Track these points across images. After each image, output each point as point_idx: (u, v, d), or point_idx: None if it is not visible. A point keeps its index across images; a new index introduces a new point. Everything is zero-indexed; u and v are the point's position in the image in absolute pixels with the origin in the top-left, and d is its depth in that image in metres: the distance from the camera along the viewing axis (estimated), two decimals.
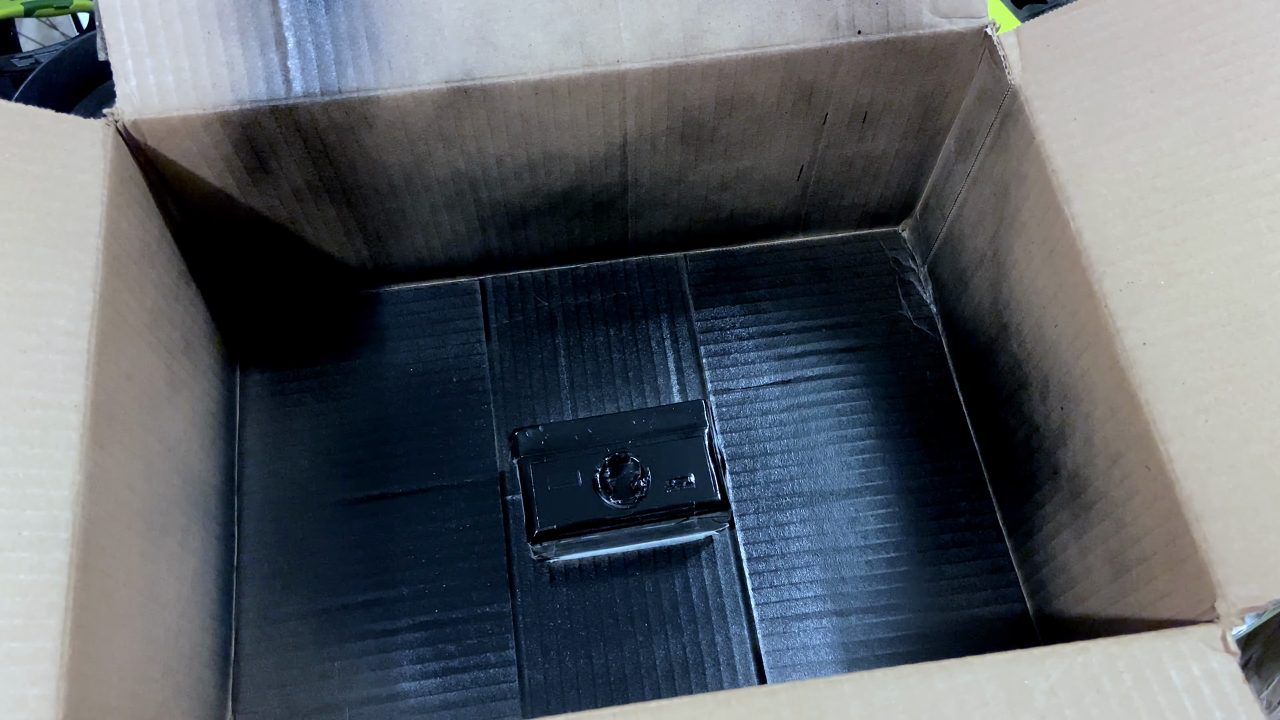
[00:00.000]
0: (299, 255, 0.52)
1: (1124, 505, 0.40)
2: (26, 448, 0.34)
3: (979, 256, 0.50)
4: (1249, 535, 0.35)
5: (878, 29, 0.43)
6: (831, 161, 0.52)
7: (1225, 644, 0.34)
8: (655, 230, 0.55)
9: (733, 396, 0.54)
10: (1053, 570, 0.47)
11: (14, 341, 0.35)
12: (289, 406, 0.53)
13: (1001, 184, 0.46)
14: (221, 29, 0.41)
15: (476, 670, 0.47)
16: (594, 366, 0.54)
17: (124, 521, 0.38)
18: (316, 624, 0.48)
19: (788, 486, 0.51)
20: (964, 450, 0.53)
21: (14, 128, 0.38)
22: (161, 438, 0.43)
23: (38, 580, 0.32)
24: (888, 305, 0.56)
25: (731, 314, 0.56)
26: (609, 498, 0.46)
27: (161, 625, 0.40)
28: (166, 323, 0.44)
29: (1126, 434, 0.39)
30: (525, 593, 0.49)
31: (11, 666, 0.31)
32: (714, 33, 0.43)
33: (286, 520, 0.50)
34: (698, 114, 0.46)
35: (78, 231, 0.38)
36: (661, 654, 0.48)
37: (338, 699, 0.47)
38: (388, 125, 0.44)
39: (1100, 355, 0.40)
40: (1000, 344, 0.49)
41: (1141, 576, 0.39)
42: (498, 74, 0.42)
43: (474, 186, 0.49)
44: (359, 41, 0.42)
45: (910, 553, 0.50)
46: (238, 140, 0.43)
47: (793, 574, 0.50)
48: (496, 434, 0.52)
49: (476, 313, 0.56)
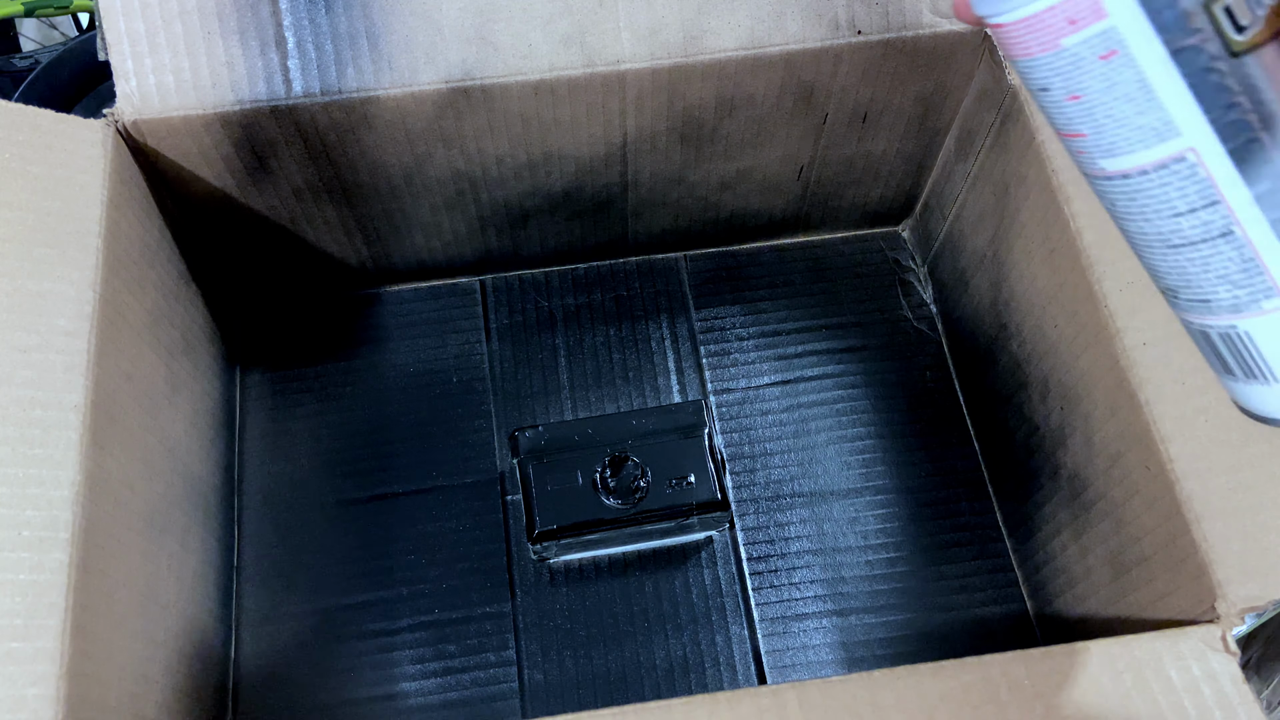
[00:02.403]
0: (299, 255, 0.52)
1: (1124, 505, 0.40)
2: (26, 448, 0.34)
3: (979, 256, 0.50)
4: (1249, 535, 0.35)
5: (878, 29, 0.43)
6: (831, 161, 0.52)
7: (1225, 644, 0.34)
8: (655, 230, 0.55)
9: (733, 396, 0.54)
10: (1053, 570, 0.47)
11: (14, 341, 0.35)
12: (289, 406, 0.53)
13: (1001, 184, 0.46)
14: (221, 29, 0.41)
15: (476, 670, 0.47)
16: (594, 366, 0.54)
17: (124, 521, 0.38)
18: (316, 624, 0.48)
19: (788, 486, 0.51)
20: (964, 450, 0.53)
21: (14, 128, 0.38)
22: (161, 438, 0.43)
23: (38, 580, 0.32)
24: (888, 305, 0.56)
25: (731, 314, 0.56)
26: (609, 498, 0.46)
27: (161, 625, 0.40)
28: (166, 323, 0.44)
29: (1126, 434, 0.39)
30: (525, 593, 0.49)
31: (11, 666, 0.31)
32: (714, 33, 0.43)
33: (286, 520, 0.50)
34: (698, 114, 0.46)
35: (78, 231, 0.38)
36: (661, 654, 0.48)
37: (338, 699, 0.47)
38: (388, 125, 0.44)
39: (1100, 355, 0.40)
40: (1000, 344, 0.49)
41: (1141, 576, 0.39)
42: (498, 74, 0.42)
43: (474, 186, 0.49)
44: (359, 41, 0.42)
45: (910, 553, 0.50)
46: (238, 140, 0.43)
47: (793, 574, 0.50)
48: (496, 434, 0.52)
49: (476, 313, 0.56)
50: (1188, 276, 0.29)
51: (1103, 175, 0.29)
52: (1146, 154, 0.27)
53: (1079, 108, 0.27)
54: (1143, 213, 0.29)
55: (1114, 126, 0.27)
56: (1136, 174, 0.28)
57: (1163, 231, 0.28)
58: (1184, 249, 0.28)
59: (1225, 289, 0.28)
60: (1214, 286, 0.28)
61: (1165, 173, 0.27)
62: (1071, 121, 0.28)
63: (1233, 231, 0.27)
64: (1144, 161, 0.27)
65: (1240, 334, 0.29)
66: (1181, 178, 0.27)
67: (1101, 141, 0.28)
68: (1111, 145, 0.28)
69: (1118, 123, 0.27)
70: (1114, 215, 0.30)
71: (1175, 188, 0.27)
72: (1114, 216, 0.30)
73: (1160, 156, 0.27)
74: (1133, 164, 0.28)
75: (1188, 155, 0.27)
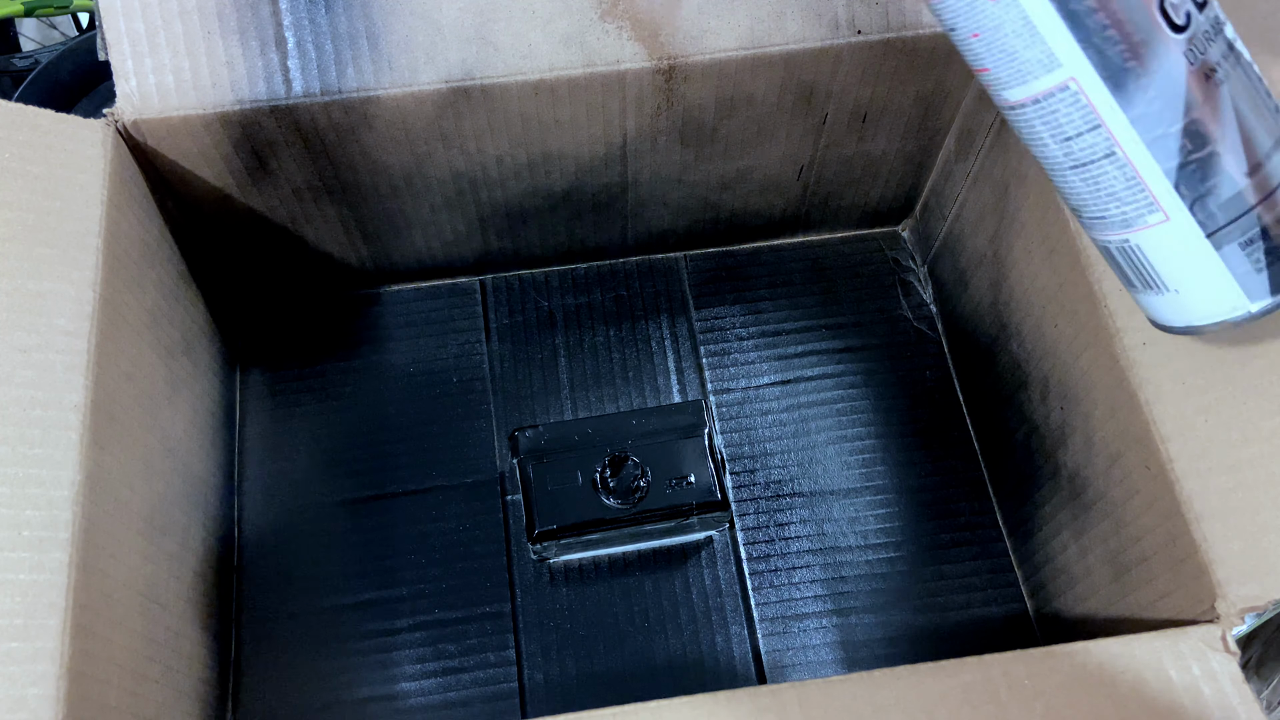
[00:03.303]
0: (299, 255, 0.52)
1: (1124, 505, 0.40)
2: (26, 448, 0.34)
3: (979, 256, 0.50)
4: (1249, 535, 0.35)
5: (878, 29, 0.43)
6: (831, 161, 0.52)
7: (1225, 644, 0.34)
8: (655, 230, 0.55)
9: (733, 396, 0.54)
10: (1053, 570, 0.47)
11: (14, 341, 0.35)
12: (289, 406, 0.53)
13: (1001, 184, 0.46)
14: (221, 29, 0.41)
15: (476, 670, 0.47)
16: (594, 366, 0.54)
17: (124, 521, 0.38)
18: (316, 624, 0.48)
19: (788, 486, 0.52)
20: (964, 450, 0.53)
21: (14, 128, 0.38)
22: (161, 438, 0.43)
23: (38, 580, 0.32)
24: (888, 305, 0.56)
25: (731, 314, 0.56)
26: (609, 498, 0.46)
27: (161, 625, 0.40)
28: (166, 323, 0.44)
29: (1126, 434, 0.39)
30: (525, 593, 0.49)
31: (11, 666, 0.31)
32: (714, 33, 0.43)
33: (286, 520, 0.50)
34: (698, 114, 0.46)
35: (78, 231, 0.38)
36: (661, 654, 0.48)
37: (338, 699, 0.47)
38: (388, 125, 0.44)
39: (1100, 355, 0.40)
40: (1000, 344, 0.49)
41: (1141, 576, 0.39)
42: (498, 74, 0.42)
43: (474, 186, 0.49)
44: (359, 41, 0.42)
45: (910, 553, 0.50)
46: (238, 140, 0.43)
47: (793, 574, 0.50)
48: (496, 434, 0.52)
49: (476, 313, 0.56)
50: (1083, 197, 0.32)
51: (1008, 105, 0.32)
52: (1036, 84, 0.30)
53: (980, 44, 0.30)
54: (1041, 139, 0.31)
55: (1008, 60, 0.30)
56: (1031, 103, 0.31)
57: (1058, 155, 0.31)
58: (1078, 170, 0.31)
59: (1115, 206, 0.31)
60: (1105, 204, 0.31)
61: (1053, 100, 0.30)
62: (978, 58, 0.31)
63: (1115, 153, 0.30)
64: (1036, 91, 0.30)
65: (1132, 247, 0.32)
66: (1067, 105, 0.30)
67: (1001, 75, 0.31)
68: (1009, 78, 0.31)
69: (1010, 57, 0.30)
70: (1026, 143, 0.32)
71: (1063, 114, 0.30)
72: (1026, 144, 0.32)
73: (1048, 86, 0.30)
74: (1027, 94, 0.30)
75: (1069, 84, 0.29)
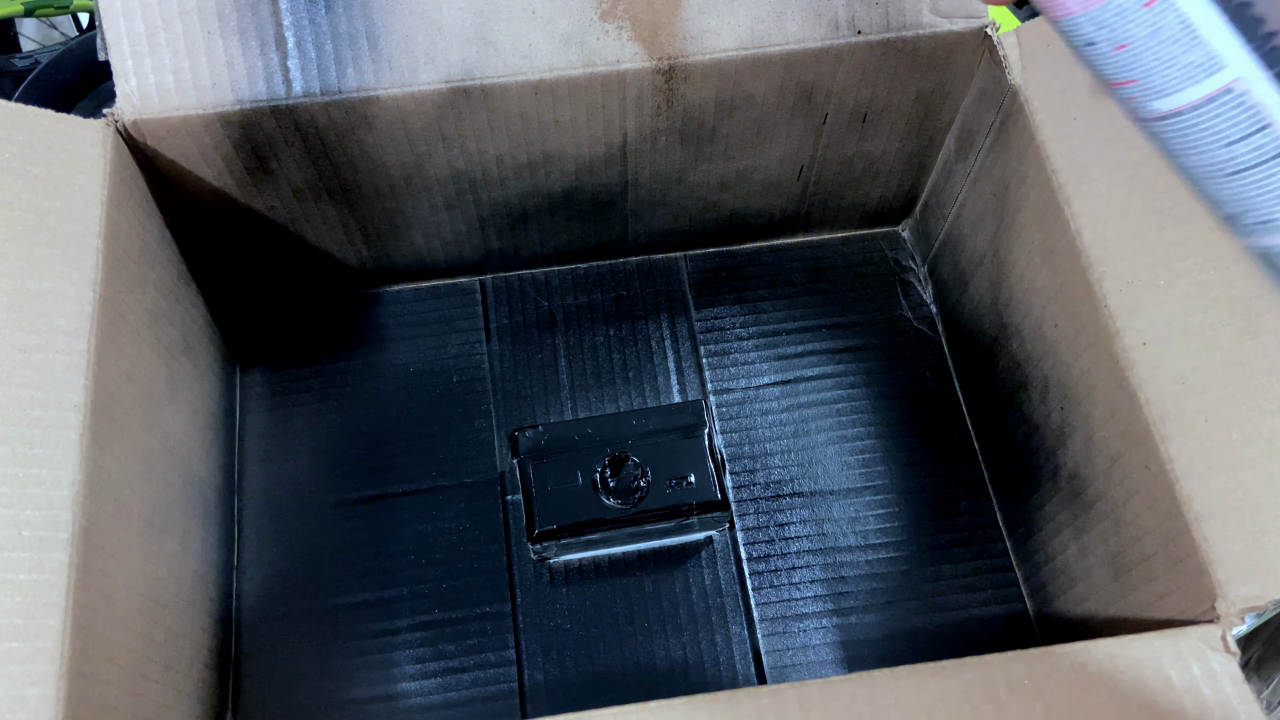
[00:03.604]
0: (299, 255, 0.52)
1: (1124, 505, 0.40)
2: (26, 448, 0.34)
3: (979, 256, 0.50)
4: (1249, 535, 0.35)
5: (878, 29, 0.43)
6: (831, 161, 0.52)
7: (1225, 644, 0.34)
8: (655, 230, 0.55)
9: (733, 396, 0.54)
10: (1053, 570, 0.47)
11: (14, 341, 0.35)
12: (289, 406, 0.53)
13: (1001, 184, 0.46)
14: (221, 29, 0.41)
15: (476, 670, 0.47)
16: (594, 366, 0.54)
17: (124, 521, 0.38)
18: (316, 624, 0.48)
19: (788, 486, 0.51)
20: (964, 450, 0.53)
21: (14, 128, 0.38)
22: (161, 438, 0.43)
23: (38, 580, 0.32)
24: (888, 305, 0.56)
25: (731, 314, 0.56)
26: (609, 498, 0.46)
27: (161, 625, 0.40)
28: (166, 323, 0.44)
29: (1126, 434, 0.39)
30: (525, 593, 0.49)
31: (11, 666, 0.31)
32: (714, 33, 0.43)
33: (286, 520, 0.50)
34: (698, 114, 0.46)
35: (78, 231, 0.38)
36: (661, 654, 0.48)
37: (338, 699, 0.47)
38: (388, 125, 0.44)
39: (1100, 355, 0.40)
40: (1000, 344, 0.49)
41: (1141, 576, 0.39)
42: (498, 74, 0.42)
43: (474, 186, 0.49)
44: (359, 41, 0.42)
45: (910, 553, 0.50)
46: (238, 140, 0.43)
47: (793, 574, 0.50)
48: (496, 434, 0.52)
49: (476, 313, 0.56)
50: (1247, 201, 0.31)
51: (1155, 117, 0.31)
52: (1196, 89, 0.29)
53: (1127, 55, 0.29)
54: (1196, 146, 0.30)
55: (1162, 68, 0.29)
56: (1188, 110, 0.30)
57: (1218, 161, 0.30)
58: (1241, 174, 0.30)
59: None
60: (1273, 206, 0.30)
61: (1215, 105, 0.29)
62: (1121, 70, 0.30)
63: None
64: (1195, 97, 0.29)
65: None
66: (1231, 107, 0.29)
67: (1152, 84, 0.30)
68: (1162, 86, 0.30)
69: (1166, 64, 0.29)
70: (1168, 155, 0.32)
71: (1227, 118, 0.29)
72: (1168, 156, 0.32)
73: (1210, 90, 0.29)
74: (1184, 101, 0.30)
75: (1235, 86, 0.29)
